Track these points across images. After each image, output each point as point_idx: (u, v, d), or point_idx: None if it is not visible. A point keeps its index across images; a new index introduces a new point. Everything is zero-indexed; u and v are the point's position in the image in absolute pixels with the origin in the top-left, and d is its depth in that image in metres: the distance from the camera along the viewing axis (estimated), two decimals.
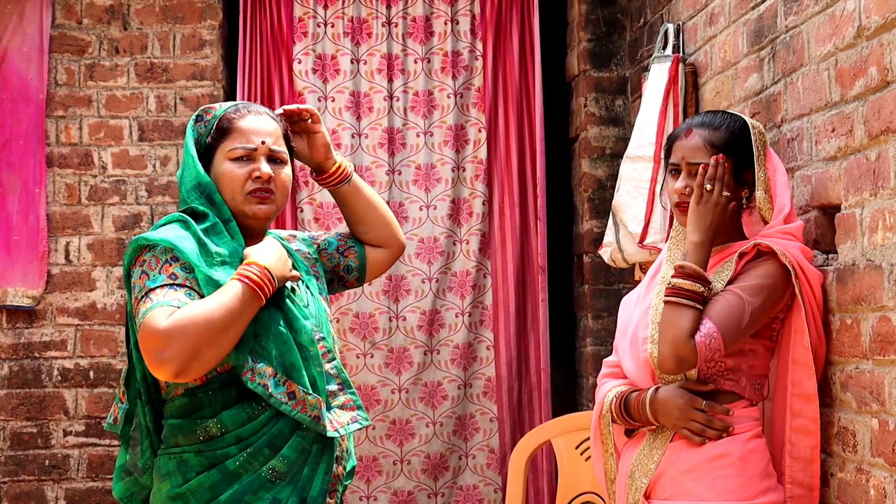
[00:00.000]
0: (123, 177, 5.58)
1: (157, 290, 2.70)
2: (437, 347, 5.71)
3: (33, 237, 5.48)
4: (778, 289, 3.17)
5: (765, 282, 3.15)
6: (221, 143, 2.93)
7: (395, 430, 5.64)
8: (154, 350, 2.64)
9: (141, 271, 2.77)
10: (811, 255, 3.31)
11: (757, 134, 3.34)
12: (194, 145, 2.95)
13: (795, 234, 3.26)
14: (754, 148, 3.31)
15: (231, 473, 2.76)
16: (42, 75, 5.53)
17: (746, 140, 3.32)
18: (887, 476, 2.97)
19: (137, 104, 5.60)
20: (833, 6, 3.26)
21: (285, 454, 2.79)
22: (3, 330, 5.48)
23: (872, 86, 3.05)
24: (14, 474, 5.43)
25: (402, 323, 5.69)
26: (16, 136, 5.49)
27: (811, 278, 3.22)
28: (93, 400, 5.47)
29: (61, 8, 5.59)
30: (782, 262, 3.16)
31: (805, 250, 3.26)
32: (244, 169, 2.91)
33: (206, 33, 5.64)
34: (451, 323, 5.73)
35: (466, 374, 5.71)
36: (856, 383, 3.13)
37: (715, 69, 4.30)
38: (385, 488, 5.64)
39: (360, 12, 5.78)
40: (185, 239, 2.77)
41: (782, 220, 3.28)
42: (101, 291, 5.53)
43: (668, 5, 4.94)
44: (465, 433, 5.70)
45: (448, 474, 5.67)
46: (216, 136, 2.94)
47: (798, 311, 3.20)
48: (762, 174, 3.31)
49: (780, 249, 3.17)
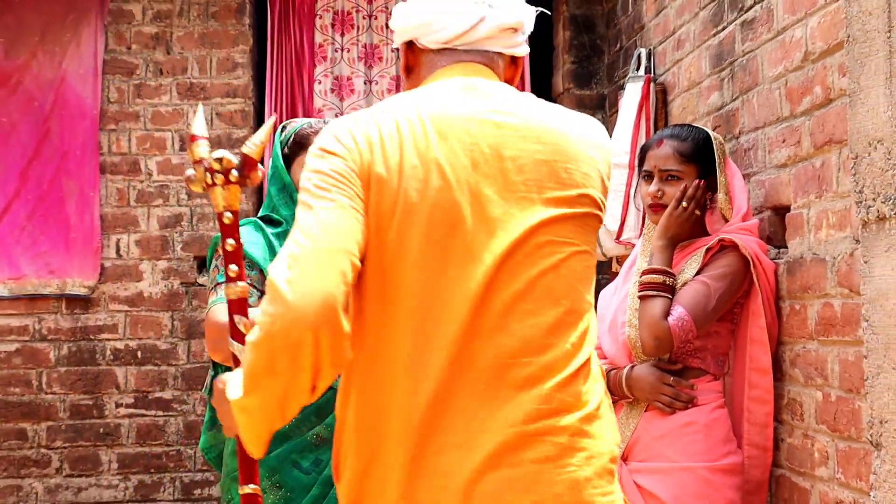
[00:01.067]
0: (166, 182, 5.59)
1: (223, 285, 2.74)
2: None
3: (88, 235, 5.50)
4: (739, 276, 3.20)
5: (728, 270, 3.18)
6: (299, 156, 2.94)
7: None
8: (209, 340, 2.75)
9: (215, 265, 2.83)
10: (766, 248, 3.32)
11: (718, 144, 3.35)
12: (281, 155, 3.00)
13: (752, 230, 3.29)
14: (716, 156, 3.33)
15: (282, 435, 2.79)
16: (96, 94, 5.54)
17: (709, 150, 3.33)
18: (829, 441, 2.99)
19: (179, 119, 5.61)
20: (783, 34, 3.27)
21: (329, 423, 2.82)
22: (62, 315, 5.49)
23: (817, 103, 3.06)
24: (73, 440, 5.45)
25: None
26: (73, 148, 5.50)
27: (766, 268, 3.24)
28: (140, 376, 5.48)
29: (113, 35, 5.60)
30: (742, 254, 3.19)
31: (761, 244, 3.28)
32: None
33: (238, 57, 5.65)
34: None
35: None
36: (803, 361, 3.14)
37: (681, 88, 4.30)
38: None
39: (372, 39, 5.79)
40: (255, 243, 2.82)
41: (740, 218, 3.30)
42: (147, 282, 5.54)
43: (640, 32, 4.95)
44: None
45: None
46: (294, 148, 2.98)
47: (755, 296, 3.23)
48: (723, 179, 3.33)
49: (741, 243, 3.19)
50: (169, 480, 5.47)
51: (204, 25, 5.64)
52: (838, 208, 2.93)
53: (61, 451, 5.45)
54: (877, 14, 1.89)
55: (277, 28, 5.67)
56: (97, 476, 5.45)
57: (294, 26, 5.68)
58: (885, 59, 1.86)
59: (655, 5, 4.70)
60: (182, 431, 5.49)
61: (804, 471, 3.14)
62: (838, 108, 2.93)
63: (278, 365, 1.80)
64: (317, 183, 1.92)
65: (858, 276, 2.72)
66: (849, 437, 2.88)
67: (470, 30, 2.14)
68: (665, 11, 4.55)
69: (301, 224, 1.87)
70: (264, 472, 2.78)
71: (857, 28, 1.97)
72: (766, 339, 3.21)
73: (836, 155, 2.94)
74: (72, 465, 5.44)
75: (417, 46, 2.18)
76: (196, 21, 5.64)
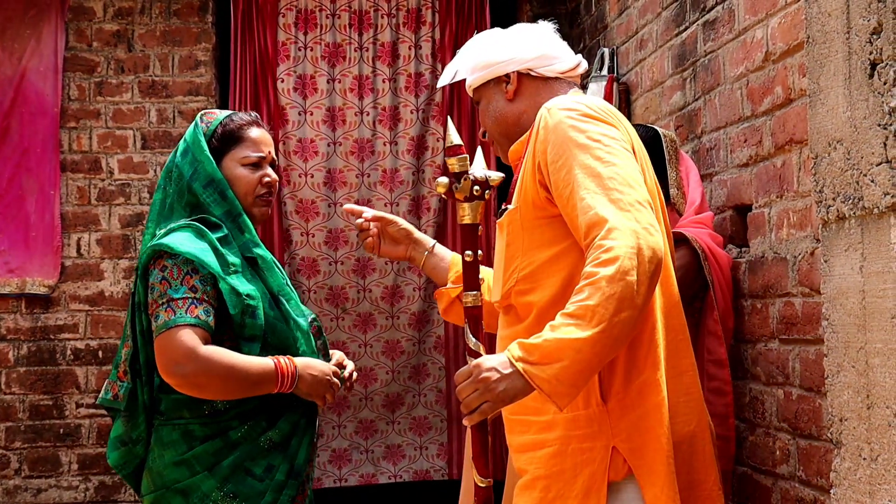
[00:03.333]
0: (128, 180, 5.56)
1: (179, 302, 2.66)
2: (397, 314, 5.79)
3: (49, 233, 5.45)
4: (691, 270, 3.20)
5: (680, 262, 3.19)
6: (232, 150, 2.90)
7: (360, 374, 5.69)
8: (173, 362, 2.62)
9: (162, 276, 2.70)
10: (720, 239, 3.33)
11: (669, 142, 3.37)
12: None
13: (705, 223, 3.30)
14: (665, 153, 3.34)
15: (232, 442, 2.75)
16: (57, 91, 5.49)
17: (659, 147, 3.35)
18: (790, 439, 3.01)
19: (140, 117, 5.58)
20: (745, 34, 3.29)
21: (280, 426, 2.78)
22: (22, 315, 5.44)
23: (778, 103, 3.08)
24: (33, 441, 5.40)
25: (368, 294, 5.77)
26: (34, 145, 5.45)
27: (720, 260, 3.25)
28: (101, 376, 5.44)
29: (74, 32, 5.55)
30: (693, 247, 3.20)
31: (714, 236, 3.29)
32: (256, 175, 2.90)
33: (201, 54, 5.62)
34: (409, 295, 5.82)
35: (420, 333, 5.81)
36: (764, 359, 3.16)
37: (644, 87, 4.32)
38: (352, 418, 5.78)
39: (335, 38, 5.78)
40: (206, 251, 2.72)
41: (693, 211, 3.32)
42: (108, 281, 5.50)
43: (604, 32, 4.96)
44: (418, 378, 5.83)
45: (403, 408, 5.82)
46: (225, 142, 2.90)
47: (709, 288, 3.24)
48: (674, 174, 3.34)
49: (692, 236, 3.20)
50: None
51: (166, 23, 5.60)
52: (799, 207, 2.96)
53: (20, 451, 5.39)
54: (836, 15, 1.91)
55: (241, 26, 5.65)
56: (57, 477, 5.40)
57: (257, 24, 5.65)
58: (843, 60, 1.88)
59: (618, 5, 4.72)
60: None
61: (766, 468, 3.16)
62: (798, 108, 2.95)
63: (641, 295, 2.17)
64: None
65: (819, 275, 2.74)
66: (810, 435, 2.91)
67: (576, 67, 2.66)
68: (628, 11, 4.56)
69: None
70: (215, 482, 2.72)
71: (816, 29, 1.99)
72: (720, 330, 3.22)
73: (797, 155, 2.97)
74: (31, 466, 5.39)
75: (529, 75, 2.61)
76: (158, 18, 5.60)
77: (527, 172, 2.46)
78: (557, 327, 2.16)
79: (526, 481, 2.46)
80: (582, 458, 2.36)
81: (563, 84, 2.63)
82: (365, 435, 5.79)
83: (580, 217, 2.26)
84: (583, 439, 2.37)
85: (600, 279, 2.14)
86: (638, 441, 2.35)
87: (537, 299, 2.42)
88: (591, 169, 2.28)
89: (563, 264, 2.39)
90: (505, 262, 2.51)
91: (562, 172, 2.33)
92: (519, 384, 2.18)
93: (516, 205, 2.49)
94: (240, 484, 2.73)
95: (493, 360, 2.22)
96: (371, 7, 5.79)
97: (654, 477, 2.31)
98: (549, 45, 2.63)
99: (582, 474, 2.36)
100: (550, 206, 2.40)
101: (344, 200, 5.74)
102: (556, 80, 2.62)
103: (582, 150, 2.31)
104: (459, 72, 2.69)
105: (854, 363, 1.86)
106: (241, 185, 2.88)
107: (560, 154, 2.34)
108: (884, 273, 1.77)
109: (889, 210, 1.74)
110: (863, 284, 1.83)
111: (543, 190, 2.40)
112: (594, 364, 2.17)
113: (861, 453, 1.84)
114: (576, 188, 2.28)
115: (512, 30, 2.69)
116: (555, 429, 2.40)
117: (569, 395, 2.17)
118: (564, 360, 2.14)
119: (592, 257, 2.18)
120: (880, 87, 1.76)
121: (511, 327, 2.50)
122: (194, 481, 2.72)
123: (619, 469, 2.35)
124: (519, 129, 2.61)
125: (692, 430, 2.45)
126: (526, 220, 2.45)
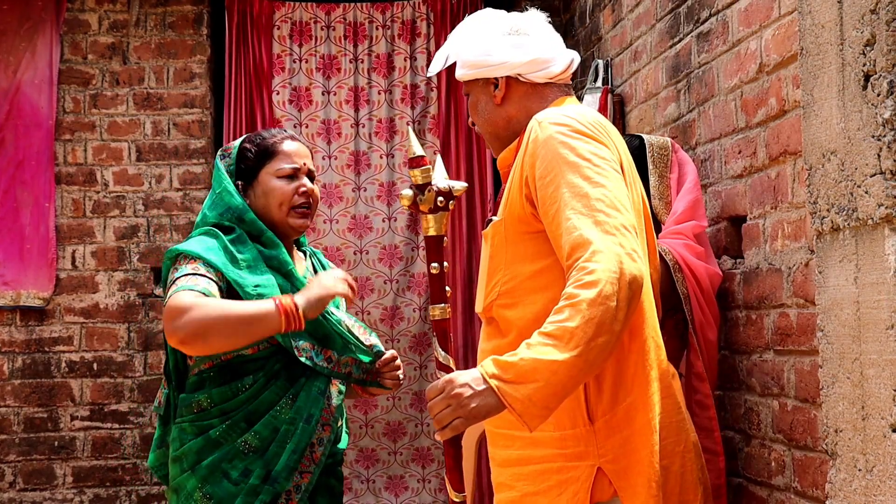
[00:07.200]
0: (123, 193, 5.55)
1: (181, 279, 2.70)
2: (398, 337, 5.74)
3: (44, 246, 5.44)
4: (665, 282, 3.14)
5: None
6: (267, 164, 2.93)
7: (360, 402, 5.65)
8: (170, 318, 2.64)
9: (173, 268, 2.79)
10: (700, 250, 3.30)
11: (655, 149, 3.36)
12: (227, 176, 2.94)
13: (685, 233, 3.27)
14: (649, 162, 3.34)
15: (213, 441, 2.78)
16: (52, 104, 5.49)
17: (643, 157, 3.34)
18: (786, 450, 3.00)
19: (135, 129, 5.58)
20: (739, 46, 3.30)
21: (258, 430, 2.79)
22: (17, 327, 5.43)
23: (772, 114, 3.08)
24: (27, 454, 5.39)
25: (366, 317, 5.70)
26: (28, 158, 5.45)
27: (696, 271, 3.21)
28: (96, 388, 5.43)
29: (69, 45, 5.56)
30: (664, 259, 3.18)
31: (690, 246, 3.25)
32: (291, 186, 2.92)
33: (195, 67, 5.62)
34: (409, 317, 5.75)
35: (422, 358, 5.76)
36: (759, 370, 3.16)
37: (639, 99, 4.32)
38: (353, 446, 5.72)
39: (330, 50, 5.79)
40: (212, 249, 2.77)
41: (673, 221, 3.30)
42: (103, 293, 5.49)
43: (598, 44, 4.97)
44: (420, 406, 5.76)
45: (405, 438, 5.75)
46: (259, 158, 2.94)
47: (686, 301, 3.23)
48: (658, 184, 3.33)
49: (666, 248, 3.19)
50: (125, 494, 5.42)
51: (161, 35, 5.61)
52: (793, 219, 2.96)
53: (15, 464, 5.38)
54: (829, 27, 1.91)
55: (235, 38, 5.65)
56: (52, 490, 5.39)
57: (252, 37, 5.66)
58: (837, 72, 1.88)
59: (613, 17, 4.73)
60: (138, 444, 5.44)
61: (761, 480, 3.16)
62: (793, 119, 2.95)
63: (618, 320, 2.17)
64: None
65: (813, 286, 2.74)
66: (805, 446, 2.90)
67: (567, 69, 2.59)
68: (622, 23, 4.57)
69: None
70: (196, 482, 2.77)
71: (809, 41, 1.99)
72: (696, 343, 3.20)
73: (791, 166, 2.97)
74: (26, 478, 5.38)
75: (518, 80, 2.55)
76: (153, 31, 5.61)
77: (514, 185, 2.44)
78: (534, 346, 2.15)
79: (510, 497, 2.46)
80: (567, 475, 2.36)
81: (554, 89, 2.59)
82: (366, 464, 5.74)
83: (564, 237, 2.25)
84: (569, 458, 2.37)
85: (581, 301, 2.13)
86: (624, 462, 2.34)
87: (518, 317, 2.41)
88: (578, 188, 2.26)
89: (545, 281, 2.38)
90: (488, 275, 2.51)
91: (549, 189, 2.31)
92: (492, 401, 2.17)
93: (501, 217, 2.48)
94: (216, 485, 2.77)
95: (466, 376, 2.20)
96: (366, 19, 5.80)
97: (638, 499, 2.31)
98: (543, 46, 2.56)
99: (566, 493, 2.36)
100: (535, 222, 2.39)
101: (341, 217, 5.72)
102: (546, 86, 2.58)
103: (571, 168, 2.29)
104: (451, 56, 2.64)
105: (849, 374, 1.86)
106: (276, 197, 2.92)
107: (549, 170, 2.32)
108: (878, 284, 1.77)
109: (883, 221, 1.75)
110: (857, 295, 1.83)
111: (529, 205, 2.39)
112: (568, 387, 2.16)
113: (856, 464, 1.84)
114: (562, 207, 2.27)
115: (506, 21, 2.60)
116: (540, 446, 2.40)
117: (540, 416, 2.16)
118: (539, 381, 2.13)
119: (574, 279, 2.18)
120: (874, 99, 1.77)
121: (492, 340, 2.50)
122: (182, 480, 2.81)
123: (604, 490, 2.35)
124: (508, 132, 2.59)
125: (682, 449, 2.45)
126: (510, 233, 2.44)
